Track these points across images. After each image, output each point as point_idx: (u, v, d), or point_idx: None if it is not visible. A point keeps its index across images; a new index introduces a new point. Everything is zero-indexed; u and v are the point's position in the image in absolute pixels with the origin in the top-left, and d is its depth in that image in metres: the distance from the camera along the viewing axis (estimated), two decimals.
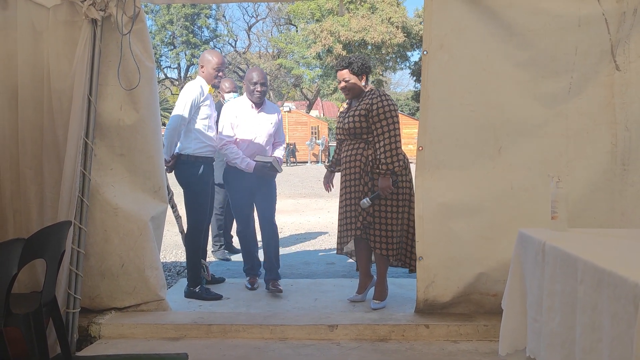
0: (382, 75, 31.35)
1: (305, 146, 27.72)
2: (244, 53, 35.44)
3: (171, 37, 33.42)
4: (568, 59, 3.22)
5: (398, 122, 3.60)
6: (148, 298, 3.53)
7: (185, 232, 4.28)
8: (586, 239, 2.32)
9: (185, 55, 33.99)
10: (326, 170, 4.19)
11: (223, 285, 4.38)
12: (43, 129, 3.29)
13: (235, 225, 4.58)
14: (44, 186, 3.31)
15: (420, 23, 27.47)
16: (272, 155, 4.33)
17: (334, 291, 4.14)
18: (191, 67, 34.18)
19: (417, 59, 30.14)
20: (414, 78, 31.69)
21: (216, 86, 4.15)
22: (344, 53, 27.97)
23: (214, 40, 34.70)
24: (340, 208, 3.84)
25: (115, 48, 3.27)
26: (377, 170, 3.56)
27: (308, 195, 12.00)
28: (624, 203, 3.21)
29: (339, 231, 3.84)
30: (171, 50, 34.21)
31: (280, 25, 36.39)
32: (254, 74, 4.17)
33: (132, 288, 3.48)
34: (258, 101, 4.19)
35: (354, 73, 3.74)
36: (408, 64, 30.40)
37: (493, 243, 3.25)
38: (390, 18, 27.63)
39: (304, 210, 9.43)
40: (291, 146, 26.38)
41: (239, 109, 4.21)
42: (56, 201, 3.21)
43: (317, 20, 29.18)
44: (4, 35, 3.27)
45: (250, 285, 4.31)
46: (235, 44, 35.77)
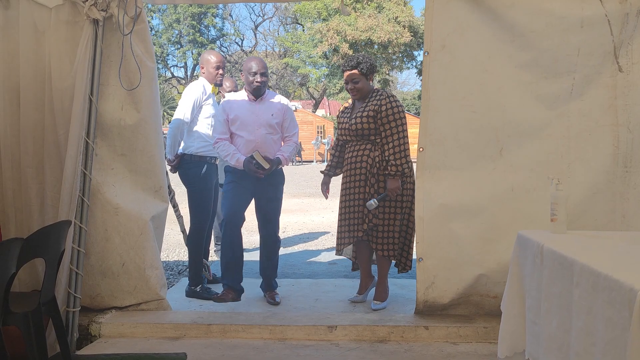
0: (389, 74, 31.31)
1: (311, 145, 27.75)
2: (251, 52, 35.49)
3: (178, 36, 33.51)
4: (570, 60, 3.20)
5: (406, 124, 3.62)
6: (148, 297, 3.54)
7: (187, 232, 4.29)
8: (584, 242, 2.30)
9: (192, 54, 34.09)
10: (323, 175, 4.07)
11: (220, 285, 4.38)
12: (44, 129, 3.30)
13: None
14: (45, 185, 3.32)
15: None
16: (279, 151, 3.94)
17: (335, 291, 4.14)
18: (198, 66, 34.23)
19: None
20: (421, 78, 31.62)
21: (219, 84, 4.17)
22: (351, 52, 27.94)
23: (221, 39, 34.79)
24: (342, 208, 3.78)
25: (116, 48, 3.27)
26: (387, 171, 3.55)
27: (313, 194, 12.00)
28: (626, 205, 3.19)
29: (340, 232, 3.80)
30: (178, 49, 34.33)
31: (286, 24, 36.43)
32: (253, 64, 3.86)
33: (133, 287, 3.49)
34: (258, 93, 3.88)
35: (363, 73, 3.69)
36: (414, 64, 30.36)
37: (493, 245, 3.24)
38: (397, 17, 27.58)
39: (308, 209, 9.43)
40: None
41: (235, 104, 3.93)
42: (57, 200, 3.22)
43: (324, 19, 29.19)
44: (7, 35, 3.28)
45: (219, 295, 3.93)
46: (241, 43, 35.83)
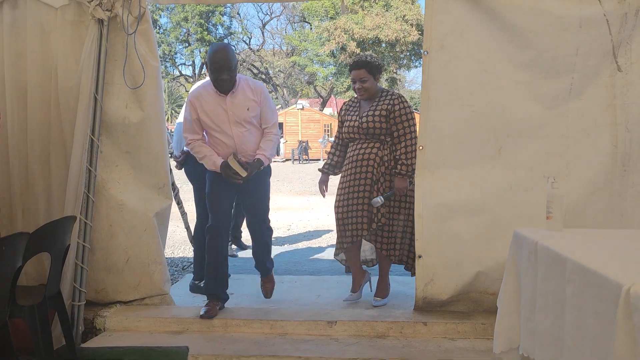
0: (396, 73, 31.28)
1: (318, 143, 27.78)
2: (258, 50, 35.56)
3: (186, 35, 33.60)
4: (569, 60, 3.22)
5: (416, 125, 3.60)
6: (152, 292, 3.60)
7: (194, 228, 4.34)
8: (578, 239, 2.33)
9: (199, 52, 34.17)
10: (322, 174, 4.02)
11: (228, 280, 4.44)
12: (51, 126, 3.37)
13: (245, 222, 4.33)
14: (52, 182, 3.39)
15: None
16: (259, 150, 3.50)
17: (337, 288, 4.18)
18: (205, 64, 34.35)
19: None
20: None
21: None
22: (358, 51, 27.95)
23: (228, 37, 34.84)
24: (343, 207, 3.72)
25: (121, 47, 3.34)
26: (398, 170, 3.55)
27: (319, 192, 12.03)
28: (624, 204, 3.22)
29: (342, 230, 3.74)
30: (186, 47, 34.42)
31: (294, 22, 36.46)
32: (215, 57, 3.33)
33: (137, 282, 3.55)
34: (225, 90, 3.40)
35: (371, 73, 3.66)
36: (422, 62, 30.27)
37: (492, 242, 3.27)
38: (404, 16, 27.55)
39: (314, 207, 9.47)
40: (304, 143, 26.45)
41: (203, 101, 3.45)
42: (63, 196, 3.29)
43: (331, 17, 29.20)
44: (14, 34, 3.36)
45: (204, 312, 3.40)
46: (249, 42, 35.88)
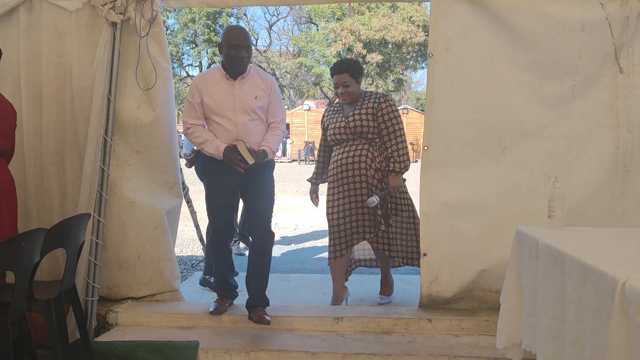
0: (403, 74, 31.31)
1: None
2: (265, 51, 35.66)
3: (193, 36, 33.75)
4: (572, 62, 3.28)
5: (402, 123, 3.68)
6: (163, 289, 3.69)
7: (203, 227, 4.41)
8: (578, 237, 2.40)
9: (206, 53, 34.30)
10: (311, 184, 4.02)
11: (236, 278, 4.52)
12: (65, 127, 3.46)
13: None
14: (66, 180, 3.48)
15: None
16: (265, 141, 3.31)
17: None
18: (212, 65, 34.50)
19: None
20: None
21: None
22: (365, 52, 28.00)
23: None
24: (339, 212, 3.66)
25: (133, 50, 3.42)
26: (392, 168, 3.57)
27: (325, 192, 12.10)
28: (625, 204, 3.27)
29: (336, 237, 3.66)
30: (193, 48, 34.55)
31: (301, 23, 36.55)
32: (235, 34, 3.25)
33: (148, 279, 3.64)
34: (239, 70, 3.24)
35: (353, 77, 3.63)
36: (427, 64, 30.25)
37: (495, 241, 3.33)
38: (411, 17, 27.58)
39: (320, 207, 9.50)
40: (310, 144, 26.52)
41: (210, 83, 3.28)
42: (77, 195, 3.38)
43: (338, 19, 29.27)
44: (30, 37, 3.45)
45: (214, 308, 3.41)
46: (256, 43, 35.94)
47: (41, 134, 3.48)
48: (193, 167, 4.34)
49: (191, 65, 36.54)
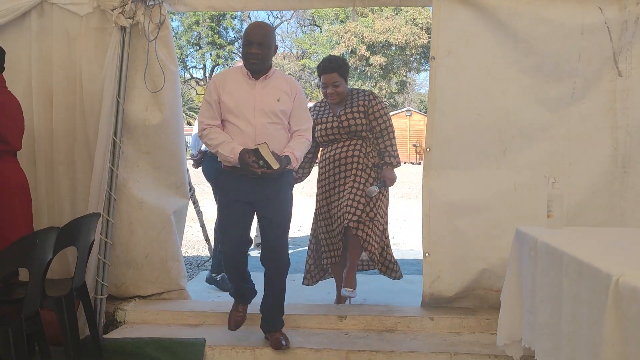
0: (406, 76, 31.39)
1: None
2: None
3: (197, 38, 33.90)
4: (571, 66, 3.35)
5: (391, 118, 3.72)
6: (170, 287, 3.76)
7: (209, 227, 4.47)
8: (576, 236, 2.46)
9: (210, 55, 34.44)
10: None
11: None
12: (75, 128, 3.53)
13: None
14: (76, 181, 3.56)
15: None
16: (288, 147, 3.04)
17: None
18: (216, 67, 34.63)
19: None
20: None
21: None
22: (368, 54, 28.11)
23: (239, 41, 35.08)
24: (331, 212, 3.67)
25: (142, 53, 3.49)
26: (389, 161, 3.59)
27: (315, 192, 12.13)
28: (624, 204, 3.33)
29: (330, 244, 3.70)
30: (197, 50, 34.70)
31: (304, 26, 36.66)
32: (249, 30, 2.99)
33: (155, 277, 3.71)
34: (254, 69, 3.00)
35: (342, 76, 3.58)
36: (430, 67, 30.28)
37: (496, 240, 3.38)
38: (414, 19, 27.68)
39: None
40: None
41: (231, 81, 3.07)
42: (87, 195, 3.45)
43: (342, 21, 29.42)
44: (41, 41, 3.52)
45: (232, 322, 3.23)
46: None
47: (52, 135, 3.55)
48: (200, 168, 4.40)
49: (195, 67, 36.68)
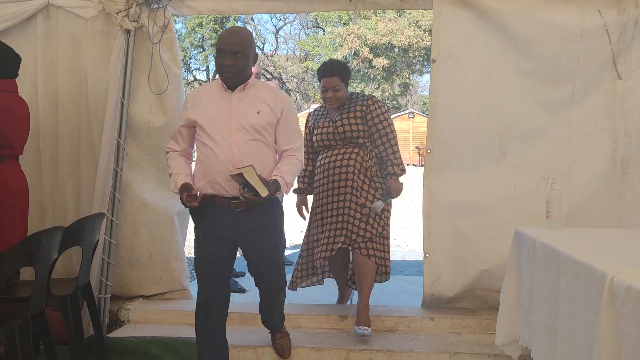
0: (409, 78, 31.39)
1: None
2: (272, 56, 35.82)
3: (200, 40, 33.96)
4: (571, 68, 3.38)
5: (393, 123, 3.48)
6: (173, 287, 3.80)
7: None
8: (574, 237, 2.49)
9: (213, 57, 34.42)
10: (297, 195, 3.68)
11: (243, 278, 4.62)
12: (80, 130, 3.58)
13: None
14: (80, 182, 3.60)
15: None
16: (277, 170, 2.62)
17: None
18: None
19: None
20: None
21: None
22: (371, 56, 28.12)
23: None
24: (328, 217, 3.41)
25: (146, 56, 3.54)
26: (392, 171, 3.39)
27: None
28: (623, 205, 3.36)
29: (323, 244, 3.40)
30: (200, 52, 34.77)
31: (307, 28, 36.71)
32: (220, 38, 2.62)
33: (159, 278, 3.75)
34: (229, 82, 2.60)
35: (343, 80, 3.42)
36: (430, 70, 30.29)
37: (496, 241, 3.41)
38: (417, 21, 27.67)
39: None
40: None
41: (204, 95, 2.71)
42: (91, 195, 3.49)
43: (345, 23, 29.43)
44: (47, 44, 3.57)
45: None
46: (263, 47, 36.08)
47: (57, 137, 3.60)
48: None
49: (198, 69, 36.76)
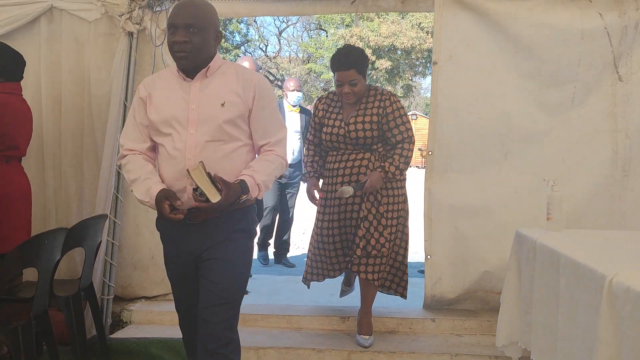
0: (412, 80, 31.38)
1: None
2: (275, 57, 35.87)
3: None
4: (571, 70, 3.39)
5: (411, 126, 3.25)
6: None
7: None
8: (574, 238, 2.49)
9: None
10: (309, 178, 3.35)
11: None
12: (83, 131, 3.59)
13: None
14: (84, 183, 3.61)
15: None
16: (249, 169, 2.06)
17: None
18: None
19: None
20: None
21: None
22: (374, 58, 28.13)
23: (245, 44, 35.23)
24: (331, 229, 3.24)
25: (149, 58, 3.56)
26: (386, 168, 3.10)
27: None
28: (624, 207, 3.37)
29: (328, 257, 3.29)
30: None
31: (310, 30, 36.73)
32: (173, 12, 2.04)
33: (161, 279, 3.75)
34: (182, 63, 2.02)
35: (361, 73, 3.09)
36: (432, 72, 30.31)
37: (497, 243, 3.41)
38: (420, 23, 27.65)
39: None
40: None
41: (159, 84, 2.14)
42: (94, 197, 3.51)
43: (347, 25, 29.45)
44: (50, 46, 3.59)
45: None
46: (266, 49, 36.13)
47: (60, 138, 3.62)
48: None
49: None
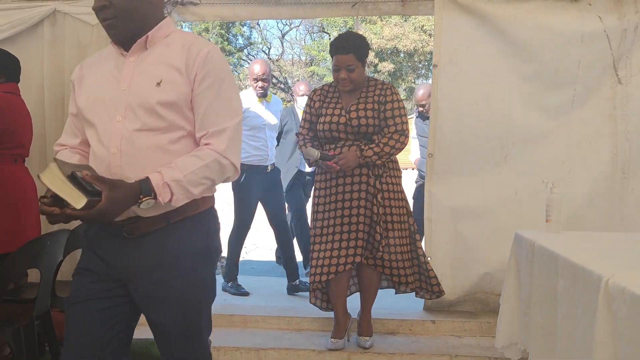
0: (415, 82, 31.42)
1: None
2: (277, 60, 35.94)
3: None
4: (571, 73, 3.41)
5: (408, 122, 3.17)
6: None
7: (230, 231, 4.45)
8: (572, 240, 2.50)
9: None
10: (318, 158, 3.02)
11: (244, 279, 4.63)
12: None
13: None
14: None
15: None
16: (169, 167, 1.52)
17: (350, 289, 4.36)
18: None
19: None
20: None
21: (263, 95, 4.24)
22: (376, 61, 28.18)
23: (248, 47, 35.30)
24: (331, 227, 3.09)
25: None
26: (365, 149, 2.98)
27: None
28: (624, 209, 3.39)
29: (326, 258, 3.06)
30: None
31: (313, 33, 36.79)
32: None
33: None
34: (112, 33, 1.61)
35: (360, 59, 3.02)
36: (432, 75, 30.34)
37: (497, 245, 3.42)
38: (422, 26, 27.71)
39: None
40: None
41: (92, 65, 1.73)
42: None
43: (350, 28, 29.52)
44: (53, 49, 3.62)
45: None
46: (268, 52, 36.20)
47: None
48: None
49: None
